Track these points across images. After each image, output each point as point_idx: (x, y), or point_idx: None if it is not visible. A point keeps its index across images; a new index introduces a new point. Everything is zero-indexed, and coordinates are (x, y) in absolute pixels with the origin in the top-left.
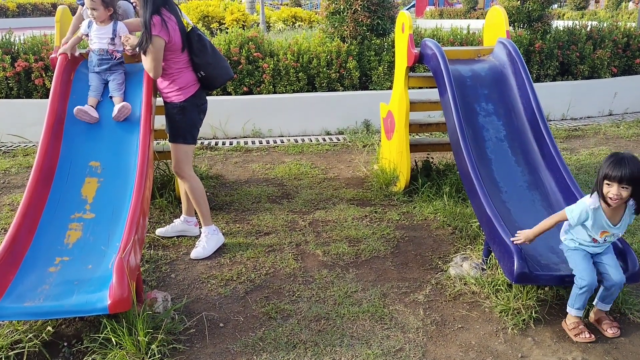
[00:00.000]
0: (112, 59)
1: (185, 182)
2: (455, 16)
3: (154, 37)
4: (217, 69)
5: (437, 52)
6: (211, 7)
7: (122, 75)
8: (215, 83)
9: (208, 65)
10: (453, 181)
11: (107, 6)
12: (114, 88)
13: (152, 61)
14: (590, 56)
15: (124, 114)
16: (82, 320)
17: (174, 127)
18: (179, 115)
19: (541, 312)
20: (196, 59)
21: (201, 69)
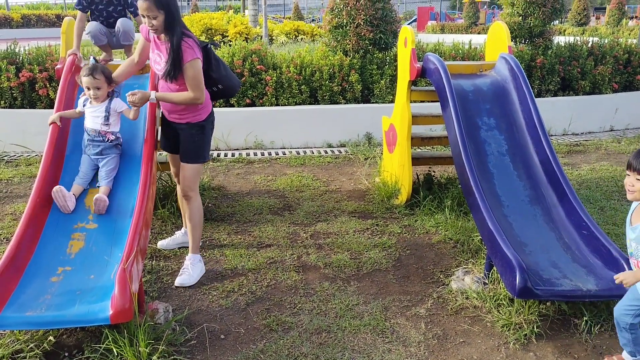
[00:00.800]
0: (105, 141)
1: (191, 203)
2: (456, 31)
3: (193, 62)
4: (231, 80)
5: (440, 67)
6: (214, 20)
7: (114, 161)
8: (232, 93)
9: (224, 78)
10: (455, 195)
11: (110, 82)
12: (102, 176)
13: (197, 87)
14: (591, 72)
15: (100, 208)
16: (84, 331)
17: (192, 147)
18: (199, 135)
19: (543, 327)
20: (214, 74)
21: (218, 82)
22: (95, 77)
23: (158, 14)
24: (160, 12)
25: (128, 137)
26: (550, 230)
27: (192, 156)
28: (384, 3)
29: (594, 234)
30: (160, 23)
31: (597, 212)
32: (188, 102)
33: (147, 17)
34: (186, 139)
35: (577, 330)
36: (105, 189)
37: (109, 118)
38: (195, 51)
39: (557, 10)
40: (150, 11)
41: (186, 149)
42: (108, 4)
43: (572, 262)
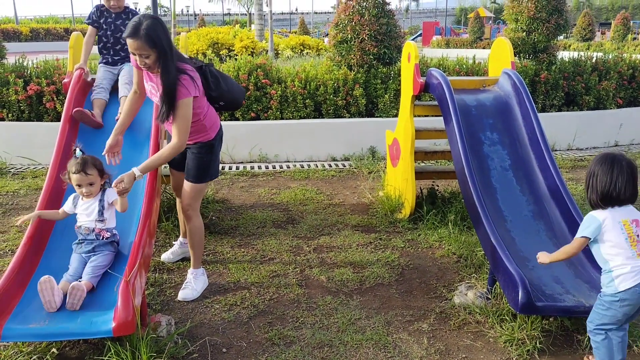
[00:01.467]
0: (99, 238)
1: (191, 222)
2: (461, 46)
3: (185, 100)
4: (232, 92)
5: (443, 82)
6: (221, 34)
7: (107, 258)
8: (236, 106)
9: (225, 93)
10: (458, 209)
11: (102, 175)
12: (87, 272)
13: (184, 130)
14: (595, 87)
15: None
16: (86, 343)
17: (201, 167)
18: (208, 155)
19: (546, 343)
20: (213, 93)
21: (219, 99)
22: (88, 173)
23: (150, 53)
24: (153, 51)
25: (132, 150)
26: (554, 246)
27: (197, 175)
28: (388, 18)
29: None
30: (153, 62)
31: None
32: (174, 154)
33: (138, 56)
34: (194, 158)
35: (579, 346)
36: (87, 284)
37: (104, 213)
38: (190, 90)
39: (561, 25)
40: (142, 50)
41: (192, 167)
42: (117, 17)
43: (575, 277)
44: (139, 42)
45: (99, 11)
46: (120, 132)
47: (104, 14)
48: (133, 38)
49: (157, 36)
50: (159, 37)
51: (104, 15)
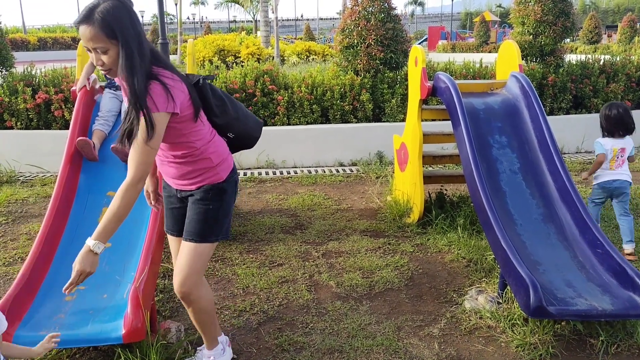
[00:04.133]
0: None
1: (196, 303)
2: (467, 50)
3: (156, 116)
4: (246, 123)
5: (450, 85)
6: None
7: None
8: (249, 141)
9: (234, 122)
10: (467, 213)
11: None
12: None
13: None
14: (603, 90)
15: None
16: (97, 350)
17: (207, 219)
18: (217, 202)
19: (558, 347)
20: (219, 120)
21: (227, 129)
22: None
23: (108, 46)
24: (112, 43)
25: None
26: (564, 249)
27: (202, 231)
28: (394, 23)
29: (609, 253)
30: (113, 60)
31: (611, 231)
32: (130, 199)
33: (93, 51)
34: (197, 207)
35: (593, 351)
36: None
37: None
38: (159, 103)
39: (567, 28)
40: (97, 41)
41: (195, 220)
42: None
43: (587, 281)
44: (92, 29)
45: None
46: (152, 172)
47: None
48: (85, 24)
49: (119, 23)
50: (120, 25)
51: None
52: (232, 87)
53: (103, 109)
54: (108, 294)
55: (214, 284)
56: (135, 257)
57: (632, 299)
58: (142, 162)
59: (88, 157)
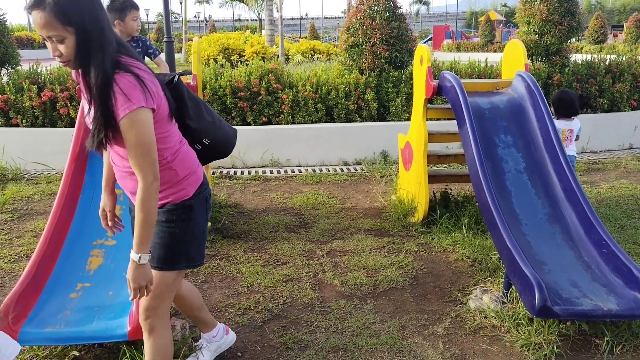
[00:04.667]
0: None
1: (153, 334)
2: (472, 49)
3: (131, 115)
4: (222, 127)
5: (456, 85)
6: (232, 40)
7: None
8: (225, 149)
9: (210, 127)
10: (472, 213)
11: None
12: None
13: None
14: (609, 90)
15: None
16: (102, 347)
17: (170, 243)
18: (183, 224)
19: (563, 347)
20: (193, 124)
21: (203, 135)
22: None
23: (65, 34)
24: (68, 31)
25: None
26: (570, 249)
27: (164, 257)
28: (399, 22)
29: (614, 253)
30: (70, 50)
31: (617, 231)
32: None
33: (48, 40)
34: (159, 229)
35: (598, 351)
36: None
37: None
38: (133, 97)
39: (573, 28)
40: (51, 29)
41: (157, 245)
42: None
43: (592, 281)
44: (44, 15)
45: None
46: (110, 189)
47: None
48: (36, 9)
49: (75, 7)
50: (77, 9)
51: None
52: (237, 85)
53: None
54: (114, 291)
55: (218, 281)
56: None
57: (638, 299)
58: (150, 162)
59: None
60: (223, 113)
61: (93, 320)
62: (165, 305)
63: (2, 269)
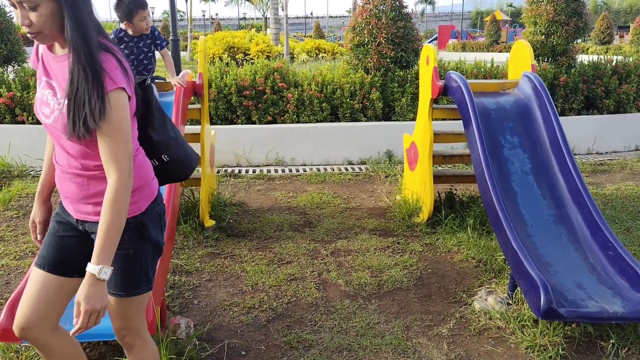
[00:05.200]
0: None
1: (134, 350)
2: (477, 49)
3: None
4: (184, 147)
5: (462, 85)
6: (237, 38)
7: None
8: (187, 168)
9: (173, 142)
10: (477, 213)
11: None
12: None
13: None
14: (615, 91)
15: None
16: (107, 344)
17: (129, 269)
18: (137, 244)
19: (568, 350)
20: (155, 135)
21: (163, 150)
22: None
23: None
24: None
25: None
26: (575, 251)
27: (123, 284)
28: (405, 21)
29: (620, 255)
30: (44, 19)
31: (623, 233)
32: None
33: (18, 6)
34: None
35: (603, 353)
36: None
37: None
38: (116, 75)
39: (580, 28)
40: None
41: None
42: (138, 40)
43: (598, 283)
44: None
45: (117, 38)
46: (44, 198)
47: (123, 40)
48: None
49: None
50: None
51: (124, 40)
52: (242, 84)
53: None
54: None
55: (223, 280)
56: None
57: None
58: (125, 155)
59: None
60: (228, 111)
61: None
62: (137, 322)
63: (7, 265)
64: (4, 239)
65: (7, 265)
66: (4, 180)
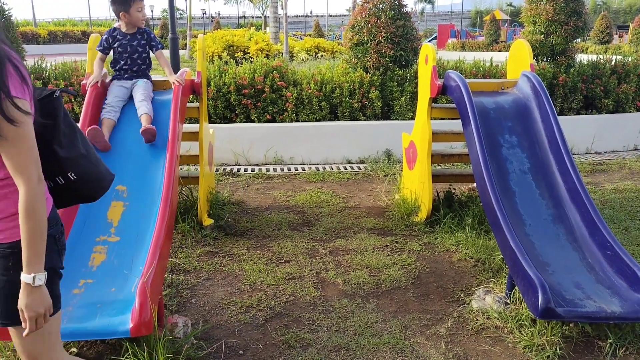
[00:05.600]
0: None
1: None
2: (477, 48)
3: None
4: (97, 165)
5: (461, 84)
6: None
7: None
8: (99, 187)
9: (82, 159)
10: (475, 212)
11: None
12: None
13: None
14: (614, 90)
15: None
16: (104, 343)
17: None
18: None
19: (566, 349)
20: (62, 152)
21: (70, 167)
22: None
23: None
24: None
25: (151, 152)
26: (574, 250)
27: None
28: (404, 21)
29: (619, 255)
30: None
31: (621, 233)
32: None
33: None
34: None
35: (601, 353)
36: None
37: None
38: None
39: (579, 28)
40: None
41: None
42: (132, 38)
43: (596, 282)
44: None
45: (111, 37)
46: None
47: (117, 38)
48: None
49: None
50: None
51: (117, 39)
52: (241, 82)
53: (109, 97)
54: (116, 287)
55: (221, 279)
56: (144, 252)
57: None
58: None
59: (100, 146)
60: (227, 110)
61: (95, 316)
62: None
63: None
64: None
65: None
66: None
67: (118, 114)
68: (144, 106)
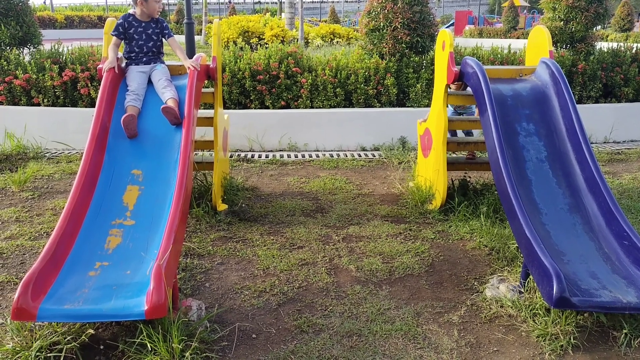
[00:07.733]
0: None
1: None
2: (495, 35)
3: None
4: None
5: (478, 71)
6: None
7: None
8: None
9: None
10: (490, 201)
11: None
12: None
13: None
14: (635, 79)
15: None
16: (119, 325)
17: None
18: None
19: (580, 339)
20: None
21: None
22: None
23: None
24: None
25: (167, 137)
26: (590, 240)
27: None
28: (422, 6)
29: (636, 245)
30: None
31: (638, 223)
32: None
33: None
34: None
35: (615, 343)
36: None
37: None
38: None
39: (600, 15)
40: None
41: None
42: (147, 25)
43: (612, 272)
44: None
45: (126, 22)
46: None
47: (132, 24)
48: None
49: None
50: None
51: (133, 25)
52: (256, 68)
53: (132, 84)
54: (132, 270)
55: (234, 264)
56: (159, 235)
57: None
58: None
59: (130, 133)
60: (242, 96)
61: (111, 298)
62: None
63: (22, 246)
64: (19, 220)
65: (22, 246)
66: (19, 162)
67: (142, 101)
68: (168, 91)
